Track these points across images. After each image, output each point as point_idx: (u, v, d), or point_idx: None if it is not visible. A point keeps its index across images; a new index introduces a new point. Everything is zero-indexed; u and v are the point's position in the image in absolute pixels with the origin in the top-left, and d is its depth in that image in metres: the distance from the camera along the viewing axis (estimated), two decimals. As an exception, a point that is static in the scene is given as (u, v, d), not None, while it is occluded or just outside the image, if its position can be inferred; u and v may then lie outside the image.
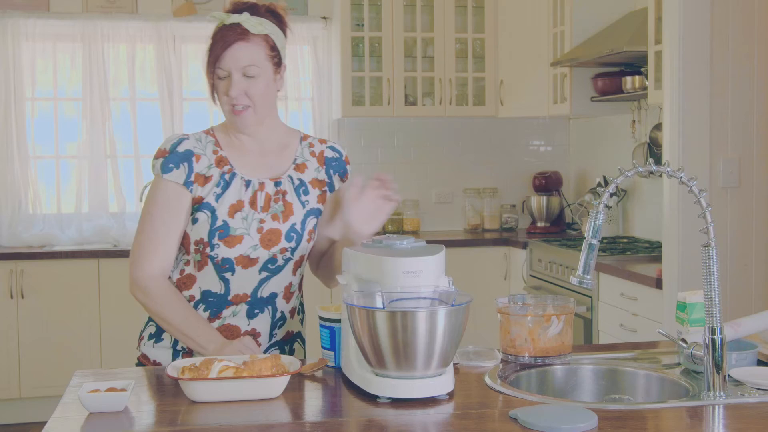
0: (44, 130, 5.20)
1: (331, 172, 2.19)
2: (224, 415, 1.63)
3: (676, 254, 3.45)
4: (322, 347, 1.98)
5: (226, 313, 2.10)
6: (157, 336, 2.14)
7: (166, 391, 1.83)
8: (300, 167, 2.16)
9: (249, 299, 2.10)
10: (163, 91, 5.18)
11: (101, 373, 2.01)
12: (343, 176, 2.22)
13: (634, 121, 4.84)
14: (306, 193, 2.14)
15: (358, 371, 1.78)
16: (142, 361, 2.15)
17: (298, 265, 2.15)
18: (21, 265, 4.71)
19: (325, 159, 2.19)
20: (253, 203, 2.08)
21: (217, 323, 2.10)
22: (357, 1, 5.22)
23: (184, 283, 2.11)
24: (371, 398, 1.71)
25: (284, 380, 1.74)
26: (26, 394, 4.74)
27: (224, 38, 2.03)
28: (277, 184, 2.11)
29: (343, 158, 2.23)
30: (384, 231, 5.45)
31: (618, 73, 4.63)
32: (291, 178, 2.13)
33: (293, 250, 2.11)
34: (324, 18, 5.41)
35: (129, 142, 5.22)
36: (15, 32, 5.04)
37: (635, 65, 4.54)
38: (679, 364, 1.96)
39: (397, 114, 5.31)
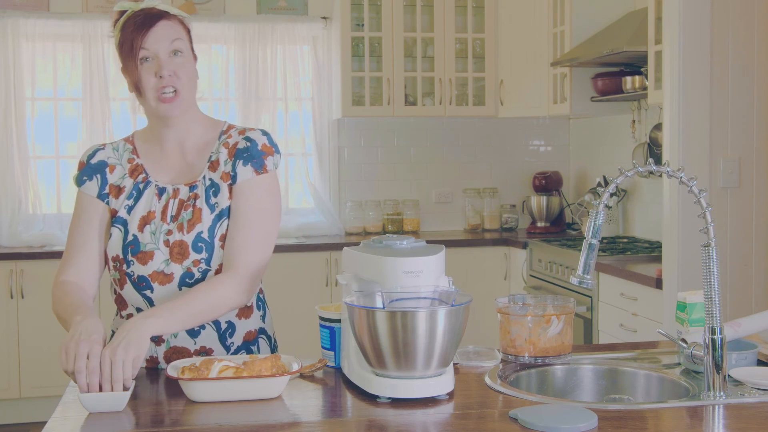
0: (44, 130, 5.20)
1: (239, 162, 1.98)
2: (224, 415, 1.63)
3: (676, 254, 3.45)
4: (322, 347, 1.98)
5: (165, 335, 1.98)
6: None
7: (166, 391, 1.83)
8: (213, 164, 2.01)
9: None
10: (163, 91, 5.17)
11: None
12: (258, 167, 1.98)
13: (634, 121, 4.84)
14: (216, 193, 1.98)
15: (358, 371, 1.77)
16: None
17: (219, 273, 1.98)
18: (21, 265, 4.71)
19: (236, 151, 2.00)
20: (164, 213, 1.98)
21: (163, 346, 2.01)
22: (357, 1, 5.23)
23: (120, 302, 2.04)
24: (371, 398, 1.71)
25: (284, 380, 1.74)
26: (26, 394, 4.75)
27: (143, 21, 1.93)
28: (192, 188, 1.99)
29: (260, 147, 2.00)
30: (384, 231, 5.46)
31: (618, 73, 4.64)
32: (204, 179, 2.00)
33: (207, 260, 1.96)
34: (324, 18, 5.41)
35: (129, 142, 5.22)
36: (15, 32, 5.04)
37: (635, 65, 4.54)
38: (679, 364, 1.96)
39: (397, 114, 5.31)
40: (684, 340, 1.89)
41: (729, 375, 1.78)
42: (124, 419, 1.63)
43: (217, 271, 1.97)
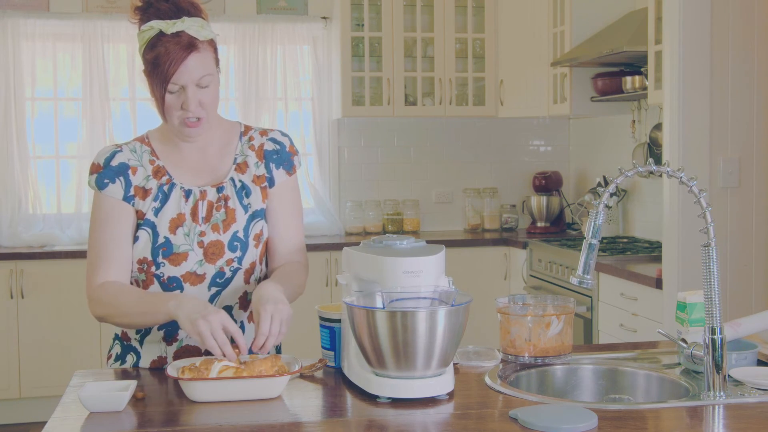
0: (44, 130, 5.20)
1: (272, 165, 2.07)
2: (224, 415, 1.63)
3: (676, 254, 3.45)
4: (322, 347, 1.98)
5: (181, 334, 2.03)
6: (122, 357, 2.08)
7: (166, 391, 1.83)
8: (241, 167, 2.05)
9: None
10: (163, 91, 5.18)
11: (101, 373, 2.01)
12: (290, 168, 2.09)
13: (634, 121, 4.84)
14: (248, 195, 2.04)
15: (358, 371, 1.78)
16: None
17: (250, 272, 2.06)
18: (21, 265, 4.71)
19: (264, 153, 2.07)
20: (194, 215, 2.00)
21: (175, 345, 2.03)
22: (357, 1, 5.22)
23: None
24: (371, 398, 1.71)
25: (284, 380, 1.74)
26: (26, 394, 4.74)
27: (174, 51, 1.89)
28: (219, 189, 2.02)
29: (287, 148, 2.10)
30: (384, 231, 5.46)
31: (618, 73, 4.64)
32: (233, 180, 2.04)
33: (240, 259, 2.02)
34: (324, 18, 5.41)
35: (129, 142, 5.22)
36: (15, 32, 5.04)
37: (635, 65, 4.54)
38: (679, 364, 1.96)
39: (397, 114, 5.31)
40: (684, 340, 1.89)
41: (729, 375, 1.78)
42: (124, 419, 1.63)
43: (248, 270, 2.04)
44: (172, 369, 1.77)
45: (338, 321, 1.94)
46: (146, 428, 1.60)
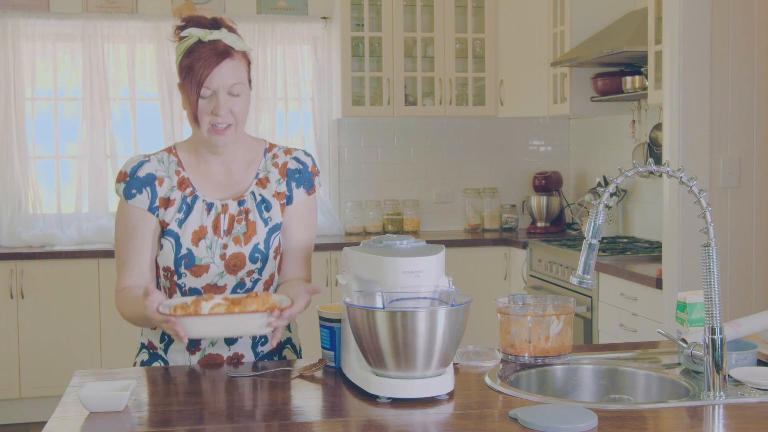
0: (44, 130, 5.20)
1: (293, 184, 2.11)
2: (224, 415, 1.63)
3: (676, 254, 3.45)
4: (322, 347, 1.98)
5: (204, 343, 2.07)
6: (149, 364, 2.11)
7: (166, 391, 1.83)
8: (262, 182, 2.10)
9: None
10: (163, 91, 5.18)
11: (101, 373, 2.01)
12: (309, 188, 2.14)
13: (634, 121, 4.84)
14: (268, 209, 2.08)
15: (358, 371, 1.78)
16: None
17: (269, 283, 2.11)
18: (21, 265, 4.71)
19: (287, 171, 2.12)
20: (216, 228, 2.04)
21: (198, 355, 2.07)
22: (357, 1, 5.22)
23: None
24: (371, 398, 1.71)
25: (275, 316, 1.78)
26: (26, 394, 4.74)
27: (209, 56, 1.96)
28: (240, 203, 2.06)
29: (309, 169, 2.14)
30: (384, 231, 5.46)
31: (618, 73, 4.64)
32: (254, 194, 2.08)
33: (260, 270, 2.07)
34: (324, 18, 5.41)
35: (129, 142, 5.22)
36: (15, 32, 5.04)
37: (635, 65, 4.54)
38: (679, 364, 1.96)
39: (397, 114, 5.31)
40: (684, 340, 1.89)
41: (729, 375, 1.78)
42: (124, 419, 1.63)
43: (267, 281, 2.08)
44: (164, 308, 1.80)
45: (338, 321, 1.94)
46: (146, 428, 1.60)
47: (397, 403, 1.68)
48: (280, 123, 5.38)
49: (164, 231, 2.04)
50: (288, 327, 2.19)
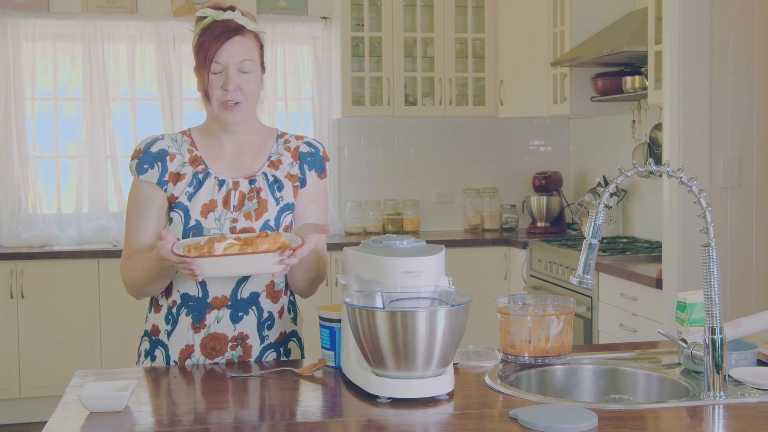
0: (44, 130, 5.20)
1: (306, 167, 2.16)
2: (224, 415, 1.63)
3: (676, 254, 3.45)
4: (322, 347, 1.98)
5: (209, 319, 2.07)
6: (151, 353, 2.12)
7: (167, 391, 1.83)
8: (275, 164, 2.14)
9: (230, 302, 2.07)
10: (163, 91, 5.18)
11: (101, 373, 2.01)
12: (321, 172, 2.18)
13: (634, 121, 4.84)
14: (280, 188, 2.12)
15: (358, 371, 1.78)
16: None
17: None
18: (21, 265, 4.71)
19: (299, 154, 2.16)
20: (226, 202, 2.07)
21: (203, 333, 2.07)
22: (357, 1, 5.22)
23: (166, 288, 2.10)
24: (371, 398, 1.71)
25: (287, 255, 1.84)
26: (26, 394, 4.74)
27: (220, 33, 2.02)
28: (251, 182, 2.10)
29: (320, 153, 2.19)
30: (384, 231, 5.46)
31: (618, 73, 4.63)
32: (265, 174, 2.12)
33: None
34: (324, 18, 5.41)
35: (129, 142, 5.22)
36: (15, 32, 5.04)
37: (635, 65, 4.54)
38: (679, 364, 1.96)
39: (397, 114, 5.31)
40: (684, 340, 1.89)
41: (729, 375, 1.78)
42: (124, 419, 1.63)
43: None
44: (178, 248, 1.85)
45: (338, 321, 1.94)
46: (146, 428, 1.60)
47: (397, 403, 1.68)
48: (280, 123, 5.38)
49: (174, 204, 2.07)
50: (294, 320, 2.20)
